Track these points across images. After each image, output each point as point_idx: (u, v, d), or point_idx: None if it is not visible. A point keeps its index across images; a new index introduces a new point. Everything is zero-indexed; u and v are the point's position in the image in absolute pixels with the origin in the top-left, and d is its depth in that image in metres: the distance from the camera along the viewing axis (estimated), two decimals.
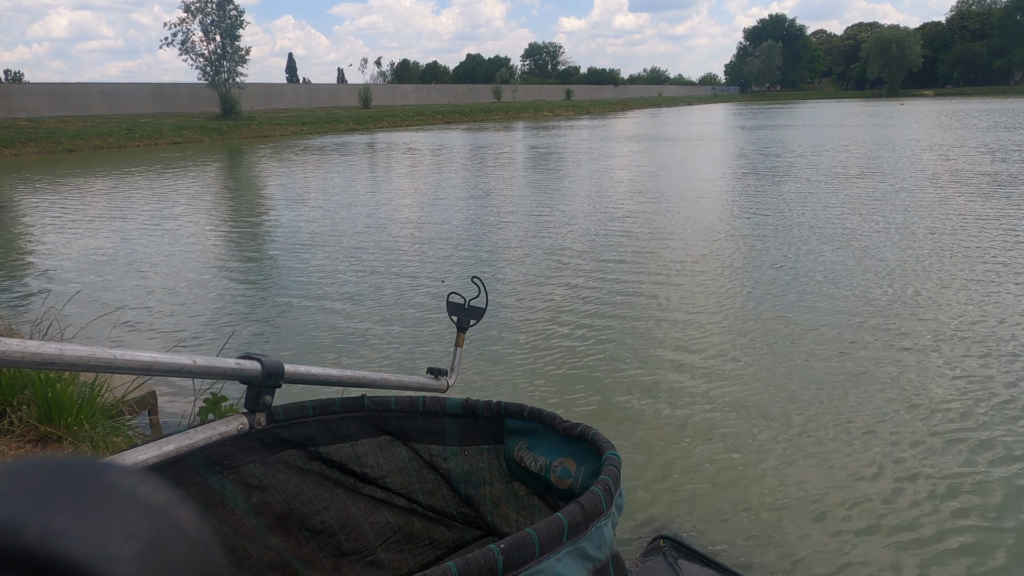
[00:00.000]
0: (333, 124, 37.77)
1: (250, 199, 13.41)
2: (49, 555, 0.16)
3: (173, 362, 0.74)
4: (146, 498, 0.19)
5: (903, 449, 3.24)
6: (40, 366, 0.61)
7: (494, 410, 1.07)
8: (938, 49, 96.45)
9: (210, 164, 20.55)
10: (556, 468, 0.96)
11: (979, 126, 25.52)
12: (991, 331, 4.67)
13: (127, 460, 0.76)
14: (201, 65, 37.95)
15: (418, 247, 8.08)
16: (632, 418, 3.67)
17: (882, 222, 8.40)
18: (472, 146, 24.92)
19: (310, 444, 1.08)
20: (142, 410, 3.34)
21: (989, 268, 6.20)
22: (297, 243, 8.52)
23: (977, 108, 41.82)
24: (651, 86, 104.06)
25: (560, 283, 6.31)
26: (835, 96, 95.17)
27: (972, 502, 2.83)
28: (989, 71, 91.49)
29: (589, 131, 32.17)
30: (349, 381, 1.06)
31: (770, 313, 5.23)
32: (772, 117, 39.54)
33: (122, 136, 28.36)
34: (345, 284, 6.52)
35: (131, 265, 7.61)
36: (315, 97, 50.16)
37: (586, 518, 0.72)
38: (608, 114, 55.68)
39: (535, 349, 4.67)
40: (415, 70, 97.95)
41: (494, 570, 0.63)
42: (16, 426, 2.74)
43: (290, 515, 1.05)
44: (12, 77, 54.45)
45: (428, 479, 1.16)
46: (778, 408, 3.69)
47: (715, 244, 7.63)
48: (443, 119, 44.86)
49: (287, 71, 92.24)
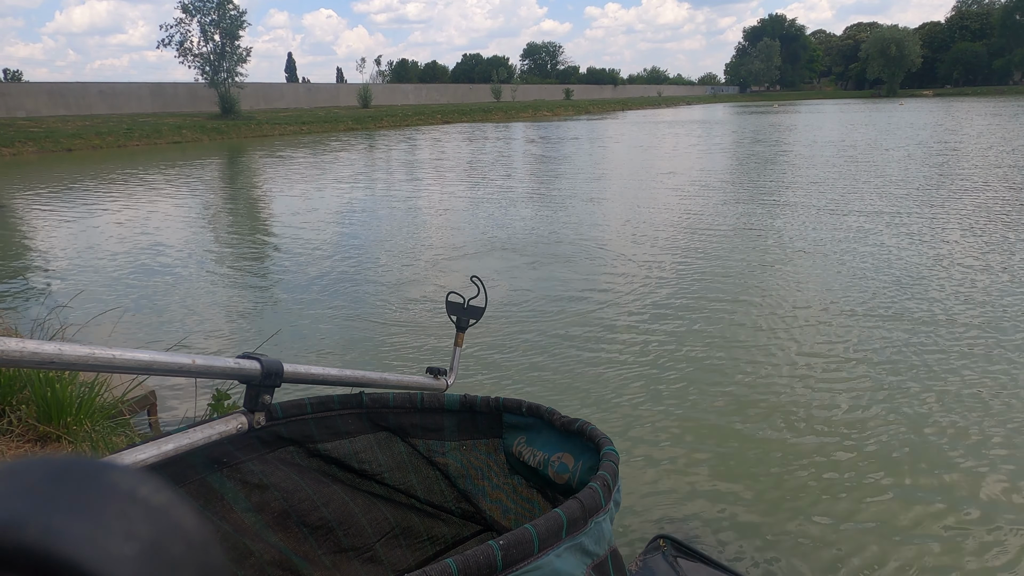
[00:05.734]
0: (332, 124, 37.74)
1: (320, 201, 13.39)
2: (49, 555, 0.16)
3: (172, 361, 0.74)
4: (146, 498, 0.19)
5: (900, 448, 3.25)
6: (39, 365, 0.61)
7: (492, 406, 1.08)
8: (937, 49, 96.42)
9: (230, 162, 20.53)
10: (554, 463, 0.96)
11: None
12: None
13: (126, 459, 0.76)
14: (199, 65, 37.93)
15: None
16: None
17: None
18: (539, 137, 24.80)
19: (309, 441, 1.08)
20: (141, 409, 3.34)
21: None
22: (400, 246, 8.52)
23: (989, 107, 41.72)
24: (650, 86, 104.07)
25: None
26: (834, 96, 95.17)
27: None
28: (988, 71, 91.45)
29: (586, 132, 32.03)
30: (348, 381, 1.06)
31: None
32: (775, 129, 28.85)
33: (121, 135, 28.35)
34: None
35: (136, 264, 7.61)
36: (314, 97, 50.14)
37: (585, 514, 0.72)
38: (607, 114, 55.67)
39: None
40: (414, 69, 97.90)
41: (493, 566, 0.63)
42: (15, 426, 2.73)
43: (289, 512, 1.06)
44: (11, 76, 54.41)
45: (426, 474, 1.16)
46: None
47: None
48: (443, 119, 44.85)
49: (286, 70, 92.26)
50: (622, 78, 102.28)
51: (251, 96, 41.64)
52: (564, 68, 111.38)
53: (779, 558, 2.55)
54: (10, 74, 56.07)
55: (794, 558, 2.55)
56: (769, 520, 2.77)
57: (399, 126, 40.29)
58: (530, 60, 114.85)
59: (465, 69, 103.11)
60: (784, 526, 2.73)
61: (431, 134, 32.79)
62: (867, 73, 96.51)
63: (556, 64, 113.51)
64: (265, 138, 31.77)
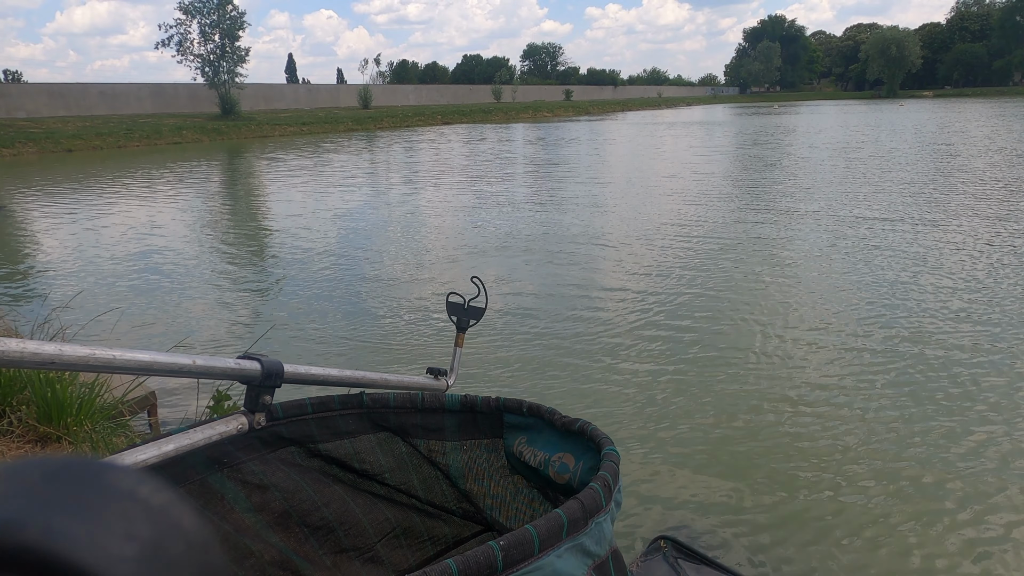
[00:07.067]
0: (332, 124, 37.75)
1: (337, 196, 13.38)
2: (49, 555, 0.16)
3: (172, 362, 0.74)
4: (146, 498, 0.19)
5: (901, 448, 3.24)
6: (39, 366, 0.61)
7: (493, 406, 1.08)
8: (937, 50, 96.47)
9: (230, 163, 20.54)
10: (555, 463, 0.96)
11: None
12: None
13: (126, 460, 0.76)
14: (199, 66, 37.93)
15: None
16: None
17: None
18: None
19: (309, 441, 1.08)
20: (142, 410, 3.33)
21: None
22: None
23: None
24: (651, 87, 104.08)
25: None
26: (834, 97, 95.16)
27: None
28: (988, 72, 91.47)
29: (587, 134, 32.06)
30: (349, 381, 1.06)
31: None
32: (778, 130, 28.31)
33: (121, 136, 28.36)
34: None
35: (136, 265, 7.61)
36: (314, 97, 50.18)
37: (585, 514, 0.72)
38: (607, 115, 55.68)
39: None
40: (414, 70, 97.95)
41: (493, 567, 0.63)
42: (15, 426, 2.73)
43: (290, 512, 1.06)
44: (12, 77, 54.44)
45: (427, 475, 1.16)
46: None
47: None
48: (443, 119, 44.87)
49: (287, 71, 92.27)
50: (622, 79, 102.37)
51: (251, 97, 41.65)
52: (564, 69, 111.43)
53: (780, 559, 2.55)
54: (10, 75, 56.09)
55: (795, 559, 2.54)
56: (770, 521, 2.76)
57: (399, 127, 40.30)
58: (530, 61, 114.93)
59: (465, 70, 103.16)
60: (785, 527, 2.72)
61: (430, 135, 32.80)
62: (867, 74, 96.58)
63: (556, 65, 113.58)
64: (265, 139, 31.77)
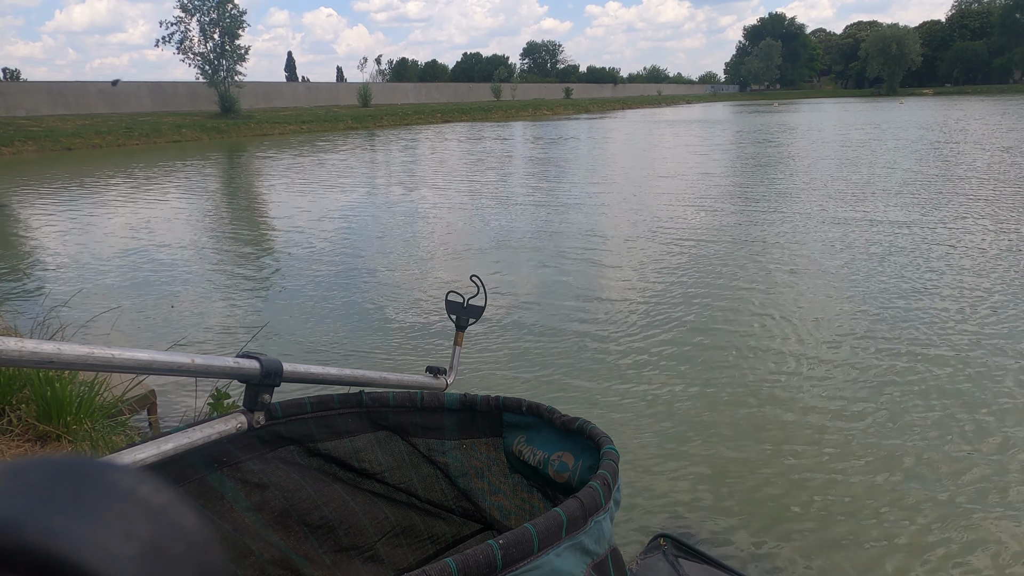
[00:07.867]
0: (332, 123, 37.72)
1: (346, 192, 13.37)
2: (49, 554, 0.16)
3: (171, 361, 0.74)
4: (146, 497, 0.19)
5: (902, 448, 3.25)
6: (38, 365, 0.61)
7: (492, 405, 1.07)
8: (937, 48, 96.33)
9: (229, 161, 20.52)
10: (554, 462, 0.96)
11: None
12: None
13: (126, 459, 0.76)
14: (199, 64, 37.88)
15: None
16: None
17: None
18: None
19: (308, 440, 1.08)
20: (141, 409, 3.33)
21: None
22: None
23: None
24: (650, 84, 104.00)
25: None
26: (834, 95, 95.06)
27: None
28: (988, 70, 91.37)
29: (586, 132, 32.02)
30: (348, 380, 1.06)
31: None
32: (780, 128, 27.35)
33: (121, 135, 28.34)
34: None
35: (135, 263, 7.61)
36: (314, 96, 50.13)
37: (584, 513, 0.72)
38: (607, 112, 55.65)
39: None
40: (414, 68, 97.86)
41: (493, 565, 0.63)
42: (15, 425, 2.73)
43: (289, 511, 1.06)
44: (11, 75, 54.40)
45: (427, 473, 1.16)
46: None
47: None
48: (442, 117, 44.84)
49: (286, 69, 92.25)
50: (622, 77, 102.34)
51: (251, 95, 41.59)
52: (564, 67, 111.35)
53: (780, 557, 2.55)
54: (9, 73, 56.07)
55: (795, 558, 2.55)
56: (770, 520, 2.77)
57: (398, 125, 40.27)
58: (530, 59, 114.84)
59: (465, 68, 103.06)
60: (785, 526, 2.73)
61: (430, 133, 32.78)
62: (867, 72, 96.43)
63: (556, 63, 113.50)
64: (265, 137, 31.75)
